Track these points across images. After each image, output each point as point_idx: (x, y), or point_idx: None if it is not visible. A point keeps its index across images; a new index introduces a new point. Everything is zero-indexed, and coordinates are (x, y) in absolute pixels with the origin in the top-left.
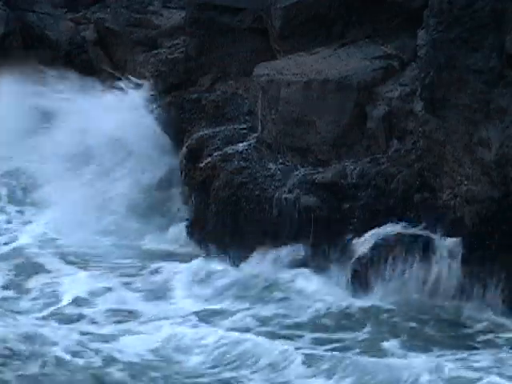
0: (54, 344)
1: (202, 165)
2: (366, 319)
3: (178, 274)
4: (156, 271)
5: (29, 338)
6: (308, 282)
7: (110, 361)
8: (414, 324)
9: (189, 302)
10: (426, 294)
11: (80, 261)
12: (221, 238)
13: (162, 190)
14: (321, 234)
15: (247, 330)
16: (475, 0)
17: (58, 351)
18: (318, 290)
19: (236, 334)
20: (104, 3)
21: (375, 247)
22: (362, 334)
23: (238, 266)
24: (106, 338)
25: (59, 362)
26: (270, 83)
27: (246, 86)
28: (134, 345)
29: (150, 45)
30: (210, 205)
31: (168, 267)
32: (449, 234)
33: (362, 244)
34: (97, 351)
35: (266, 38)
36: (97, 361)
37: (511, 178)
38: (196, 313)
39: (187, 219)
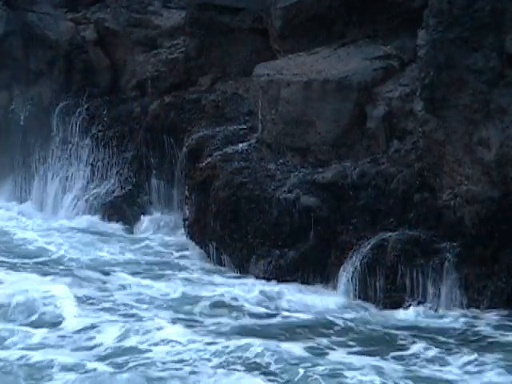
0: None
1: (202, 165)
2: None
3: None
4: None
5: None
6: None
7: None
8: None
9: None
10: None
11: None
12: (221, 238)
13: None
14: (321, 234)
15: None
16: (475, 0)
17: None
18: None
19: None
20: (104, 3)
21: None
22: None
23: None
24: None
25: None
26: (270, 83)
27: (245, 86)
28: None
29: (150, 45)
30: (209, 205)
31: None
32: (449, 233)
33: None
34: None
35: (265, 38)
36: None
37: (511, 177)
38: None
39: (187, 219)
